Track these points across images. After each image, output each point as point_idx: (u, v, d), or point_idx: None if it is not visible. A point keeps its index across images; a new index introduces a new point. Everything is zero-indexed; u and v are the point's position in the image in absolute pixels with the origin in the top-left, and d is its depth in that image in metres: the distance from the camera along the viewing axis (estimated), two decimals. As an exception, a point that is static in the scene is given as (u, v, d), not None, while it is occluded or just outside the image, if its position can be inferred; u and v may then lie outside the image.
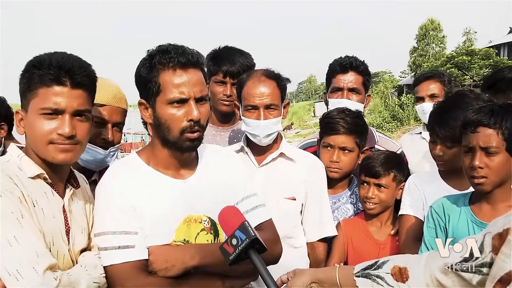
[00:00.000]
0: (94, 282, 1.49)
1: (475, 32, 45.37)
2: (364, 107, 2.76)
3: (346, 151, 2.40)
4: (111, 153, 2.08)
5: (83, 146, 1.58)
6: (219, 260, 1.45)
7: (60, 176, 1.59)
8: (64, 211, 1.55)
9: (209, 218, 1.70)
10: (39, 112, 1.48)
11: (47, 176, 1.52)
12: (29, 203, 1.41)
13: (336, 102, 2.65)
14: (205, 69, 1.68)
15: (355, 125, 2.40)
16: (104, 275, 1.55)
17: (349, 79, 2.68)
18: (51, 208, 1.50)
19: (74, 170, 1.71)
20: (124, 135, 30.55)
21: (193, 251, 1.59)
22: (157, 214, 1.61)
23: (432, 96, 3.12)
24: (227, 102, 2.69)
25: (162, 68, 1.57)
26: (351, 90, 2.69)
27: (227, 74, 2.66)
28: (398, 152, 2.72)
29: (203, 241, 1.67)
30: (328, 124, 2.43)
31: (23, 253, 1.33)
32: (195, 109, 1.58)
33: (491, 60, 28.49)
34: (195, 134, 1.61)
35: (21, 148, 1.56)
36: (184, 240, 1.64)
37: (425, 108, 3.10)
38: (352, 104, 2.64)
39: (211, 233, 1.70)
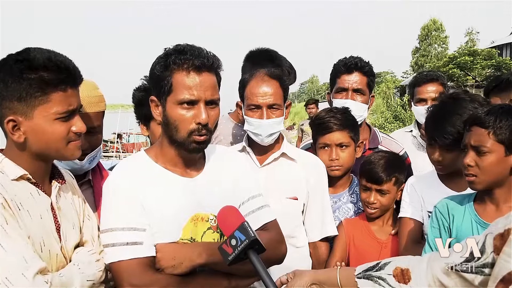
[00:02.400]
0: (88, 280, 1.48)
1: (478, 33, 45.47)
2: (368, 108, 2.75)
3: (343, 147, 2.41)
4: (89, 160, 1.96)
5: None
6: None
7: (44, 174, 1.56)
8: (52, 208, 1.52)
9: (216, 216, 1.69)
10: (55, 117, 1.44)
11: (30, 176, 1.48)
12: (13, 207, 1.37)
13: (341, 103, 2.64)
14: (220, 73, 1.68)
15: (346, 120, 2.43)
16: (100, 270, 1.54)
17: (354, 79, 2.68)
18: (38, 208, 1.47)
19: (59, 167, 1.67)
20: (128, 135, 30.44)
21: (200, 249, 1.60)
22: (165, 211, 1.62)
23: (435, 100, 2.96)
24: None
25: (176, 69, 1.57)
26: (356, 90, 2.68)
27: None
28: (401, 153, 2.71)
29: (209, 240, 1.68)
30: (320, 125, 2.46)
31: (11, 260, 1.30)
32: (204, 112, 1.58)
33: (494, 61, 28.49)
34: (202, 138, 1.61)
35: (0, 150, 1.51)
36: (191, 238, 1.65)
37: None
38: (357, 104, 2.64)
39: (218, 232, 1.70)
